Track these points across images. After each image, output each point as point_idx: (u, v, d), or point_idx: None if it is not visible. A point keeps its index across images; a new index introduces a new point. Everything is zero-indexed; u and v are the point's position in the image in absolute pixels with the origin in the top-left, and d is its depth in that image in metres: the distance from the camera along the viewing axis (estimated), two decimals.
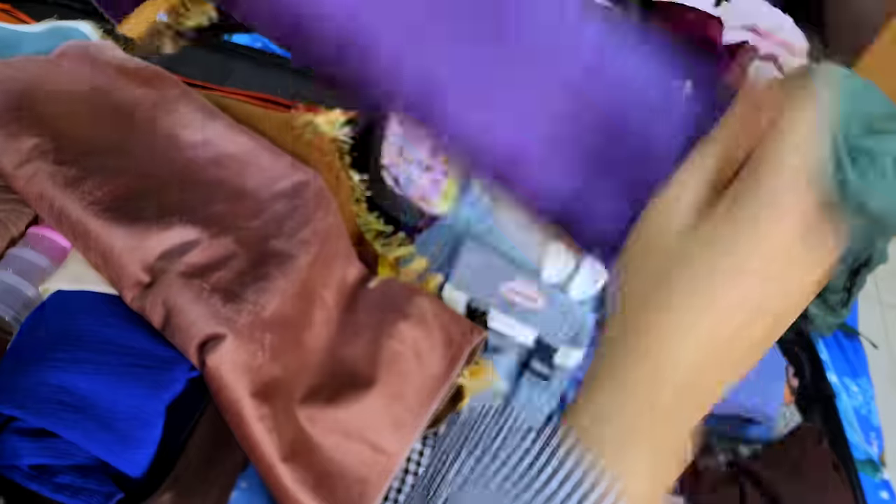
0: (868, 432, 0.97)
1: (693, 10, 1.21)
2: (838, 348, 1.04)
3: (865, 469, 0.92)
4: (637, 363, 0.25)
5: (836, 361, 1.03)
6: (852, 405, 0.98)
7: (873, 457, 0.93)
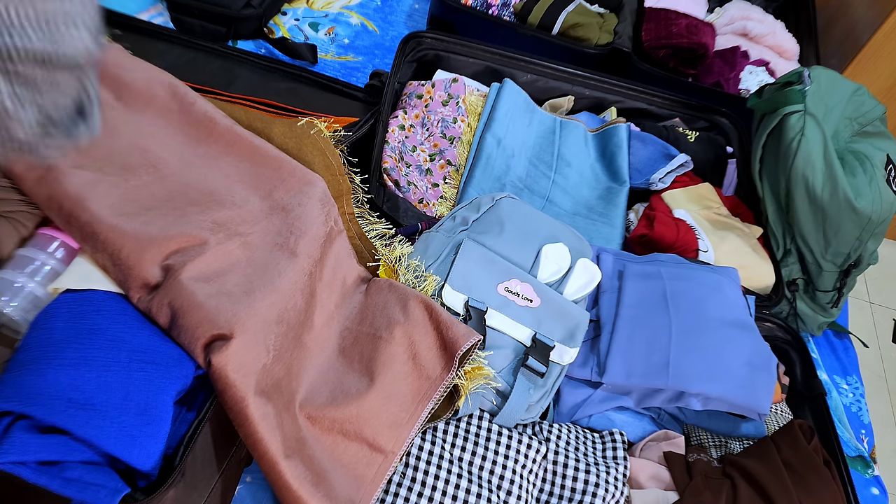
0: (858, 429, 0.98)
1: (686, 16, 1.23)
2: (829, 347, 1.06)
3: (856, 465, 0.93)
4: None
5: (826, 360, 1.04)
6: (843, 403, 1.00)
7: (864, 453, 0.95)
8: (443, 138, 0.99)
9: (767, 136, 0.93)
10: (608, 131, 1.03)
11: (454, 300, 0.72)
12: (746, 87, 1.21)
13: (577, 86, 1.09)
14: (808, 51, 1.33)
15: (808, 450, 0.73)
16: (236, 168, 0.70)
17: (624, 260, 0.83)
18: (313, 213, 0.69)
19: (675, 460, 0.72)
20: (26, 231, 0.63)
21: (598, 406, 0.76)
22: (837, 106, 0.93)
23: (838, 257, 0.95)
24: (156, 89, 0.72)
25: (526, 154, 0.99)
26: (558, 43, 1.16)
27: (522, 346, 0.72)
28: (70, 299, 0.59)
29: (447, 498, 0.63)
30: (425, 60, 1.07)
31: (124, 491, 0.52)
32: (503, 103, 0.99)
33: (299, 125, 0.76)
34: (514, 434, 0.69)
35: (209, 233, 0.64)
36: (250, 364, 0.59)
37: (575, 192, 0.98)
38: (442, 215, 0.89)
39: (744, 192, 1.05)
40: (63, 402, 0.52)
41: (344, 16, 1.22)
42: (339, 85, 0.99)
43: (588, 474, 0.68)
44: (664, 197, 0.97)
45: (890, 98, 1.48)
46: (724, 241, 0.92)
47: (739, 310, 0.79)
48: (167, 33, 0.97)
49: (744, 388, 0.73)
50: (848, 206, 0.88)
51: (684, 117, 1.13)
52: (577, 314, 0.74)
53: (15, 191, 0.63)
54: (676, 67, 1.22)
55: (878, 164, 0.92)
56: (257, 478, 0.70)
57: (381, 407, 0.64)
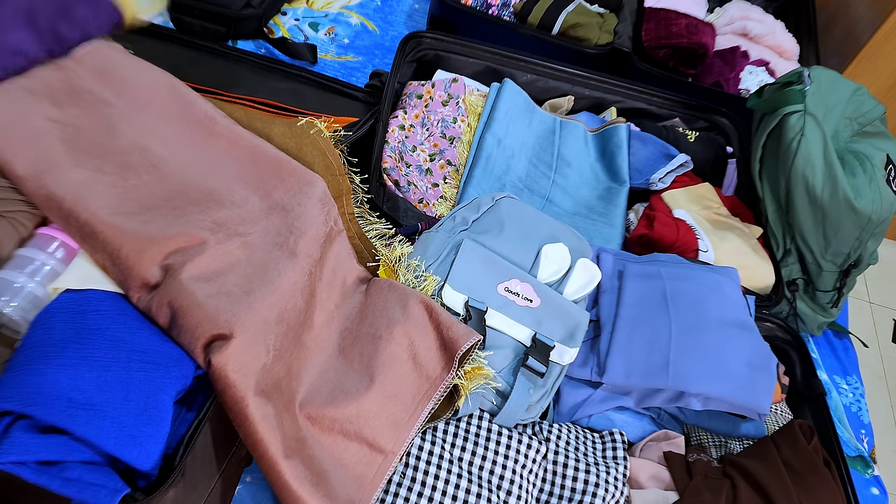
0: (858, 429, 0.98)
1: (686, 16, 1.23)
2: (829, 347, 1.06)
3: (856, 465, 0.93)
4: None
5: (826, 360, 1.04)
6: (843, 403, 1.00)
7: (864, 453, 0.95)
8: (443, 138, 0.99)
9: (767, 136, 0.93)
10: (608, 131, 1.03)
11: (454, 300, 0.72)
12: (746, 87, 1.21)
13: (577, 86, 1.09)
14: (808, 51, 1.33)
15: (808, 450, 0.73)
16: (236, 168, 0.70)
17: (624, 260, 0.83)
18: (313, 213, 0.69)
19: (675, 460, 0.72)
20: (26, 231, 0.63)
21: (598, 406, 0.76)
22: (837, 106, 0.93)
23: (838, 257, 0.95)
24: (156, 89, 0.72)
25: (526, 154, 0.99)
26: (558, 43, 1.16)
27: (522, 346, 0.72)
28: (70, 299, 0.59)
29: (447, 498, 0.63)
30: (425, 60, 1.07)
31: (124, 491, 0.52)
32: (503, 103, 0.99)
33: (299, 125, 0.75)
34: (514, 434, 0.69)
35: (209, 232, 0.64)
36: (250, 364, 0.59)
37: (575, 192, 0.98)
38: (442, 215, 0.89)
39: (744, 192, 1.05)
40: (63, 402, 0.52)
41: (344, 16, 1.22)
42: (339, 85, 0.99)
43: (588, 474, 0.68)
44: (664, 197, 0.97)
45: (890, 98, 1.48)
46: (724, 241, 0.92)
47: (739, 310, 0.79)
48: (167, 33, 0.97)
49: (744, 388, 0.73)
50: (848, 206, 0.88)
51: (684, 117, 1.13)
52: (577, 314, 0.74)
53: (15, 191, 0.63)
54: (676, 67, 1.22)
55: (878, 164, 0.92)
56: (257, 478, 0.70)
57: (381, 407, 0.64)
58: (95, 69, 0.71)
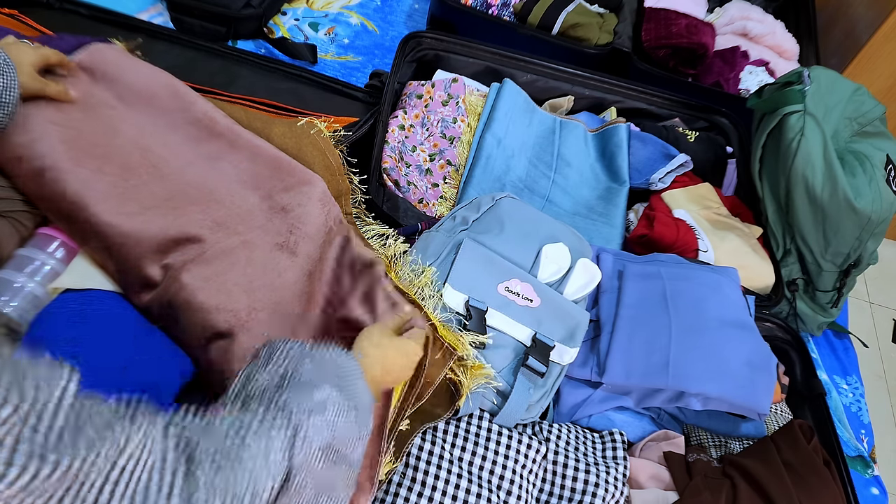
0: (858, 429, 0.98)
1: (686, 16, 1.23)
2: (829, 347, 1.06)
3: (856, 465, 0.93)
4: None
5: (826, 360, 1.04)
6: (843, 403, 1.00)
7: (864, 453, 0.95)
8: (443, 138, 0.99)
9: (767, 136, 0.93)
10: (608, 131, 1.03)
11: (454, 300, 0.72)
12: (746, 87, 1.21)
13: (577, 86, 1.09)
14: (808, 51, 1.33)
15: (808, 450, 0.73)
16: (236, 168, 0.70)
17: (624, 260, 0.83)
18: (313, 213, 0.69)
19: (674, 460, 0.72)
20: (26, 231, 0.63)
21: (597, 406, 0.76)
22: (837, 106, 0.93)
23: (838, 257, 0.95)
24: (156, 89, 0.73)
25: (526, 154, 0.99)
26: (558, 43, 1.16)
27: (522, 346, 0.72)
28: (70, 299, 0.59)
29: (447, 498, 0.63)
30: (425, 60, 1.07)
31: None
32: (503, 103, 0.99)
33: (299, 125, 0.76)
34: (514, 434, 0.69)
35: (209, 232, 0.64)
36: None
37: (575, 192, 0.98)
38: (442, 215, 0.89)
39: (744, 192, 1.05)
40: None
41: (344, 16, 1.22)
42: (339, 85, 0.99)
43: (588, 474, 0.68)
44: (664, 197, 0.97)
45: (890, 98, 1.48)
46: (724, 241, 0.92)
47: (739, 310, 0.79)
48: (167, 33, 0.97)
49: (743, 388, 0.73)
50: (848, 206, 0.88)
51: (684, 117, 1.13)
52: (577, 314, 0.74)
53: (15, 191, 0.64)
54: (676, 67, 1.22)
55: (878, 164, 0.92)
56: None
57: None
58: (96, 71, 0.71)
